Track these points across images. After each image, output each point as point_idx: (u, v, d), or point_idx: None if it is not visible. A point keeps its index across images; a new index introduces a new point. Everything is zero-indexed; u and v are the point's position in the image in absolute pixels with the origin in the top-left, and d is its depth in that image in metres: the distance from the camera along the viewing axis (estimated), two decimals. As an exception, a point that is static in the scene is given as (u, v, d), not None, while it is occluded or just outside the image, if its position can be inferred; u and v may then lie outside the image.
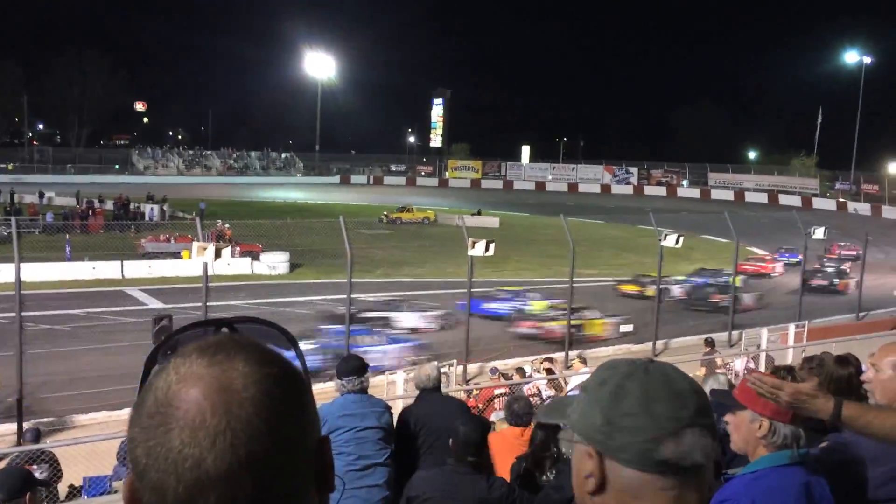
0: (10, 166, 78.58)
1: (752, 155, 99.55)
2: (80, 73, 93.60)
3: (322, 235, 34.00)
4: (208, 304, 14.16)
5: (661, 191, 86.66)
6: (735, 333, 21.30)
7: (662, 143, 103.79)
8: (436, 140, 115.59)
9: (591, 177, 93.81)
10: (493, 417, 8.79)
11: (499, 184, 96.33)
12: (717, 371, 13.48)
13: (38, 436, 9.57)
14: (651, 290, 23.29)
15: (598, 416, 1.06)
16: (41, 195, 52.54)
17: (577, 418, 1.10)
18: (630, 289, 27.90)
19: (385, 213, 55.11)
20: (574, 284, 19.01)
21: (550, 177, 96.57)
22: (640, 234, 47.91)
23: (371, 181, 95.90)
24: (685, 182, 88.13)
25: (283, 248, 31.71)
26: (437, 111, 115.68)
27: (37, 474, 7.37)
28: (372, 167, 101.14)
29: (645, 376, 1.06)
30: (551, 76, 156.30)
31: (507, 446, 5.27)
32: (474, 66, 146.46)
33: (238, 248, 30.65)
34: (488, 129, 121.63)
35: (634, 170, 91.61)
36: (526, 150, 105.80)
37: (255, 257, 30.77)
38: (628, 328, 22.20)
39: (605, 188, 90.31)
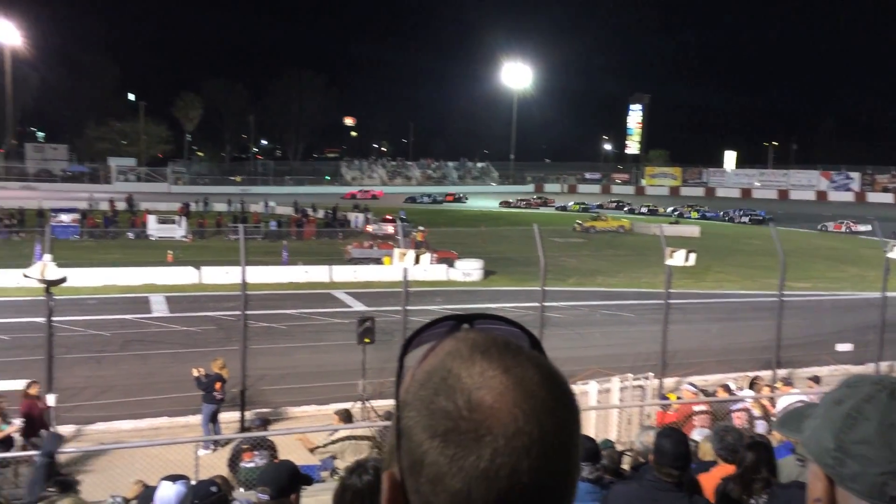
0: (238, 178, 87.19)
1: None
2: (297, 92, 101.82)
3: (515, 243, 34.32)
4: (407, 307, 14.79)
5: (888, 198, 78.21)
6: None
7: (889, 145, 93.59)
8: (632, 147, 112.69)
9: (804, 183, 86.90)
10: (694, 435, 8.38)
11: (700, 191, 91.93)
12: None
13: (264, 424, 10.41)
14: None
15: (830, 438, 0.96)
16: (266, 205, 57.72)
17: (809, 435, 1.01)
18: None
19: (579, 221, 54.57)
20: (784, 299, 17.66)
21: (758, 183, 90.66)
22: (861, 244, 43.60)
23: (565, 189, 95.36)
24: (918, 188, 78.99)
25: (477, 255, 32.37)
26: (635, 117, 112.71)
27: (257, 459, 8.08)
28: (566, 175, 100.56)
29: (889, 401, 0.95)
30: (759, 75, 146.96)
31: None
32: (675, 69, 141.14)
33: (435, 255, 31.75)
34: (689, 134, 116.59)
35: (856, 175, 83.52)
36: (730, 156, 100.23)
37: (451, 264, 31.68)
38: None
39: (821, 195, 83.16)
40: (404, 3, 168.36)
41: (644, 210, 68.56)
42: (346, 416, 10.19)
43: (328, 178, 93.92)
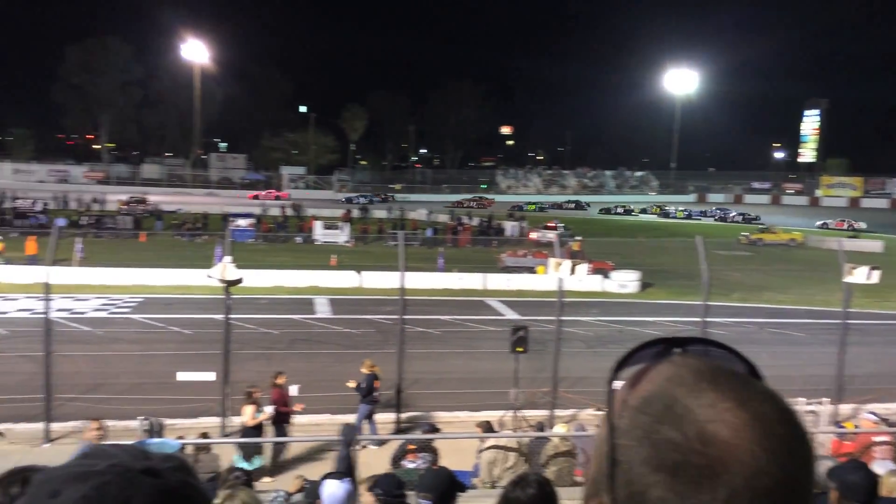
0: (397, 186, 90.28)
1: None
2: (456, 102, 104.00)
3: (675, 255, 33.04)
4: (561, 318, 14.64)
5: None
6: None
7: None
8: (807, 155, 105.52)
9: None
10: (874, 467, 7.68)
11: (884, 203, 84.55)
12: None
13: (433, 430, 10.68)
14: None
15: None
16: (429, 213, 59.38)
17: None
18: None
19: (745, 233, 51.83)
20: None
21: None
22: None
23: (730, 199, 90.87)
24: None
25: (634, 266, 31.53)
26: (811, 123, 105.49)
27: (420, 462, 8.31)
28: (731, 184, 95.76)
29: None
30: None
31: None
32: (858, 71, 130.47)
33: (590, 266, 31.22)
34: (873, 141, 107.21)
35: None
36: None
37: (606, 275, 31.04)
38: None
39: None
40: (564, 13, 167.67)
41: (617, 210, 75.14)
42: (488, 428, 10.24)
43: (484, 186, 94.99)
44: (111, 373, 16.79)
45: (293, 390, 13.09)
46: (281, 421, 12.34)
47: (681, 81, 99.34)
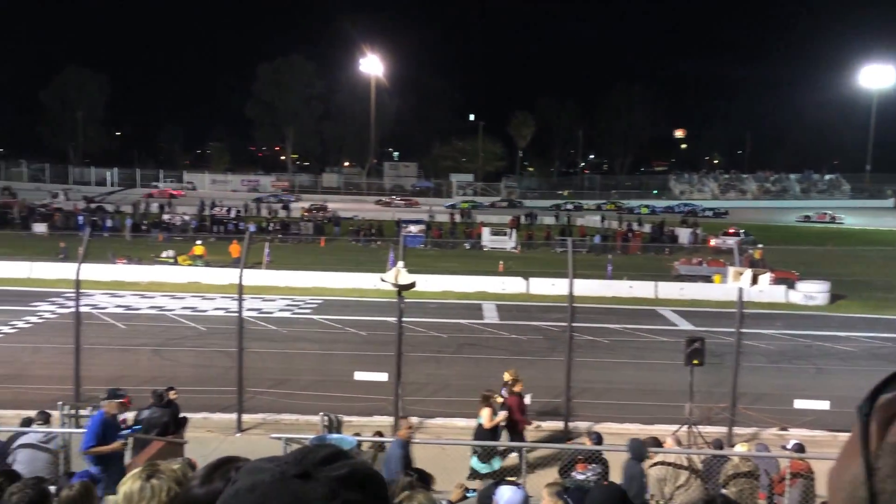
0: (566, 192, 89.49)
1: None
2: (626, 106, 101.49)
3: (871, 265, 30.32)
4: (741, 330, 13.83)
5: None
6: None
7: None
8: None
9: None
10: None
11: None
12: None
13: (600, 440, 10.49)
14: None
15: None
16: (603, 219, 58.55)
17: None
18: None
19: (956, 242, 46.54)
20: None
21: None
22: None
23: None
24: None
25: (822, 276, 29.20)
26: None
27: (589, 474, 8.18)
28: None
29: None
30: None
31: None
32: None
33: (772, 275, 29.27)
34: None
35: None
36: None
37: (791, 285, 28.98)
38: None
39: None
40: (741, 12, 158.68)
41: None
42: (654, 444, 9.83)
43: (655, 192, 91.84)
44: (294, 369, 17.92)
45: (527, 399, 12.86)
46: (513, 429, 12.15)
47: (877, 77, 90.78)
